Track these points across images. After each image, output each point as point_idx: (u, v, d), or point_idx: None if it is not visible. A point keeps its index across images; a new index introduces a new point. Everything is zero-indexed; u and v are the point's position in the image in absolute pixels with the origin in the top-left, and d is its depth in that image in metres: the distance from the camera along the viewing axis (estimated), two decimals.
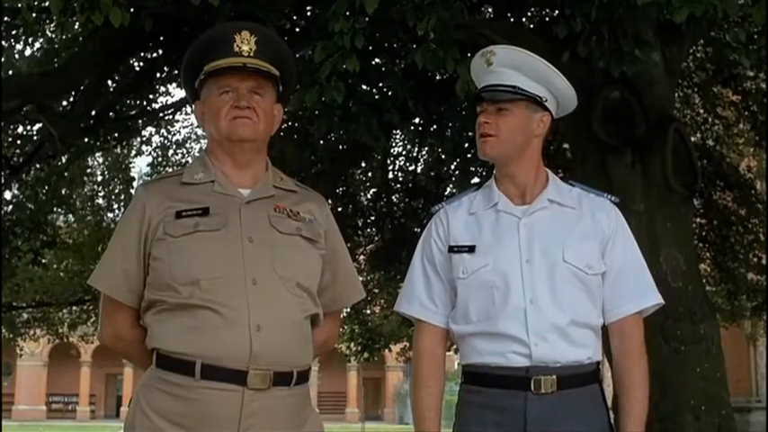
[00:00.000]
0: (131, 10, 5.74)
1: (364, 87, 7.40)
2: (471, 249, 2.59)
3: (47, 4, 6.48)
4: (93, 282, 2.45)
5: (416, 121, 9.70)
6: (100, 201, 14.85)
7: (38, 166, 11.04)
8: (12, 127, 10.08)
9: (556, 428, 2.46)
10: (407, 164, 12.29)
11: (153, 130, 13.15)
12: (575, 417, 2.49)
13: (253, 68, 2.38)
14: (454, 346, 2.93)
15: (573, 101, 2.70)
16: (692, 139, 9.07)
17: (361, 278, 14.89)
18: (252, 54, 2.38)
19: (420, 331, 2.67)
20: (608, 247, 2.61)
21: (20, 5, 6.45)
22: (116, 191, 14.41)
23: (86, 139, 10.42)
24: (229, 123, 2.37)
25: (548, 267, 2.54)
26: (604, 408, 2.58)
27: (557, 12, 6.04)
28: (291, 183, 2.53)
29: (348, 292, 2.64)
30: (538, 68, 2.63)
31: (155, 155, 13.89)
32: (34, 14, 7.59)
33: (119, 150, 13.18)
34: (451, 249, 2.63)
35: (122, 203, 14.56)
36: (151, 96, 10.58)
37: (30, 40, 9.37)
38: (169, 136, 13.82)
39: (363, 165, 11.96)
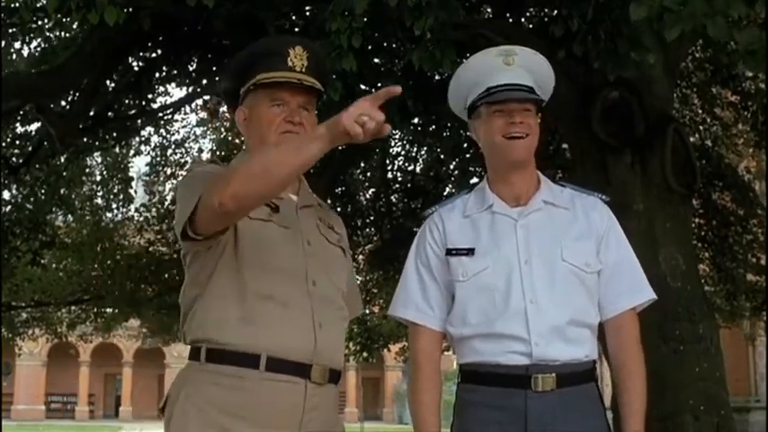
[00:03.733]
0: (129, 10, 5.74)
1: (363, 87, 7.40)
2: (470, 252, 2.59)
3: (44, 2, 6.47)
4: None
5: (415, 121, 9.69)
6: (99, 200, 14.86)
7: (37, 165, 11.04)
8: (11, 127, 10.08)
9: (556, 427, 2.46)
10: (406, 164, 12.30)
11: (152, 129, 13.18)
12: (574, 415, 2.49)
13: (309, 86, 2.42)
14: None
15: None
16: (691, 139, 9.07)
17: (360, 278, 14.95)
18: (304, 70, 2.42)
19: (417, 335, 2.67)
20: (602, 245, 2.63)
21: (17, 4, 6.44)
22: (115, 190, 14.42)
23: (85, 139, 10.43)
24: (279, 137, 2.38)
25: (547, 267, 2.55)
26: (602, 407, 2.59)
27: (555, 11, 6.03)
28: (314, 196, 2.58)
29: (354, 306, 2.65)
30: (548, 74, 2.68)
31: (153, 155, 13.92)
32: (31, 14, 7.58)
33: (117, 150, 13.20)
34: (449, 252, 2.62)
35: (121, 203, 14.59)
36: (150, 96, 10.58)
37: (27, 39, 9.36)
38: (168, 136, 13.86)
39: (362, 164, 11.98)
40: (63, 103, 9.66)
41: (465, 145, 9.68)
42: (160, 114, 12.08)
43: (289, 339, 2.25)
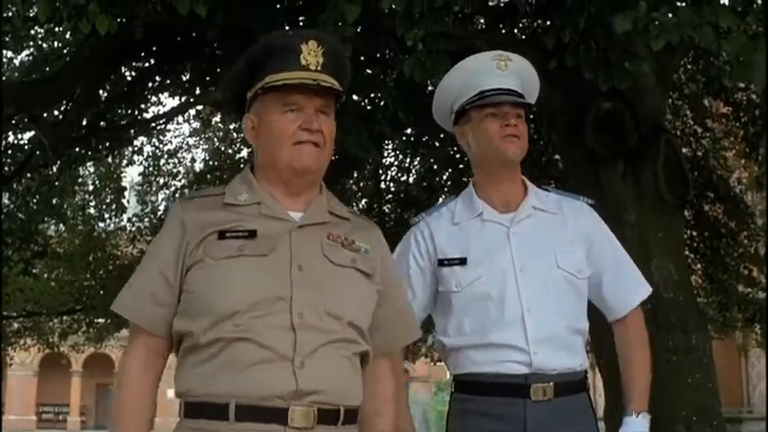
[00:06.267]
0: (123, 20, 5.74)
1: (355, 98, 7.40)
2: (462, 262, 2.59)
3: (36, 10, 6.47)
4: (117, 308, 2.18)
5: (408, 131, 9.70)
6: (91, 210, 14.87)
7: (29, 175, 11.01)
8: (3, 136, 10.06)
9: None
10: (399, 174, 12.29)
11: (144, 139, 13.17)
12: (569, 424, 2.52)
13: (326, 87, 2.11)
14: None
15: None
16: (683, 150, 9.08)
17: None
18: (319, 68, 2.11)
19: None
20: (595, 249, 2.67)
21: (10, 14, 6.44)
22: (107, 200, 14.41)
23: (78, 149, 10.41)
24: (294, 149, 2.09)
25: (542, 275, 2.56)
26: (593, 416, 2.62)
27: (547, 22, 6.05)
28: (345, 209, 2.26)
29: (402, 331, 2.31)
30: (535, 83, 2.73)
31: (146, 164, 13.91)
32: (23, 22, 7.58)
33: (110, 160, 13.19)
34: (441, 263, 2.62)
35: (113, 213, 14.58)
36: (143, 106, 10.57)
37: (19, 48, 9.36)
38: (161, 146, 13.84)
39: (355, 175, 11.96)
40: (56, 112, 9.64)
41: (458, 156, 9.69)
42: (153, 124, 12.06)
43: (260, 383, 1.97)
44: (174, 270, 2.08)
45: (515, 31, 7.76)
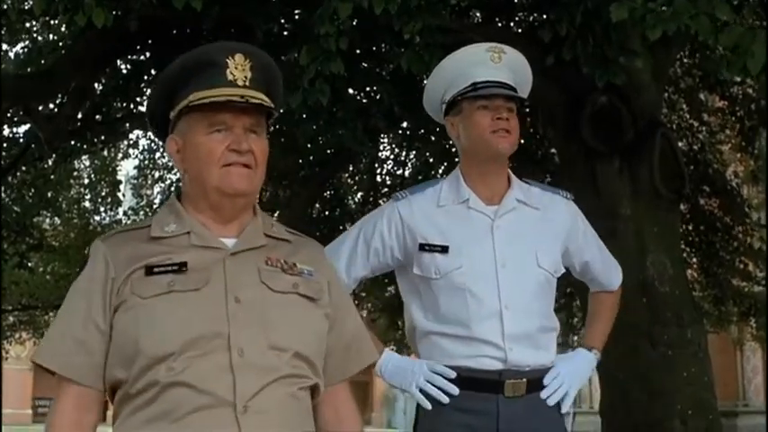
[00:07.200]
0: (118, 13, 5.73)
1: (351, 91, 7.40)
2: (444, 250, 2.58)
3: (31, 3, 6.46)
4: (40, 359, 1.96)
5: (404, 125, 9.70)
6: (86, 204, 14.86)
7: (24, 168, 11.00)
8: None
9: (524, 430, 2.51)
10: (395, 167, 12.30)
11: (140, 132, 13.12)
12: (539, 419, 2.55)
13: (256, 103, 1.94)
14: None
15: None
16: (679, 144, 9.09)
17: None
18: (248, 83, 1.94)
19: None
20: (579, 242, 2.75)
21: (6, 6, 6.43)
22: (103, 194, 14.41)
23: (73, 142, 10.40)
24: (223, 171, 1.92)
25: (523, 273, 2.57)
26: (560, 413, 2.63)
27: (545, 16, 6.04)
28: (283, 230, 2.08)
29: (357, 355, 2.12)
30: (528, 77, 2.72)
31: (141, 158, 13.89)
32: (17, 15, 7.57)
33: (105, 153, 13.18)
34: (422, 248, 2.60)
35: (109, 206, 14.58)
36: (138, 99, 10.54)
37: (14, 40, 9.35)
38: (156, 139, 13.81)
39: (351, 168, 11.97)
40: (51, 105, 9.63)
41: (453, 149, 9.68)
42: None
43: None
44: (102, 312, 1.91)
45: (512, 24, 7.76)
